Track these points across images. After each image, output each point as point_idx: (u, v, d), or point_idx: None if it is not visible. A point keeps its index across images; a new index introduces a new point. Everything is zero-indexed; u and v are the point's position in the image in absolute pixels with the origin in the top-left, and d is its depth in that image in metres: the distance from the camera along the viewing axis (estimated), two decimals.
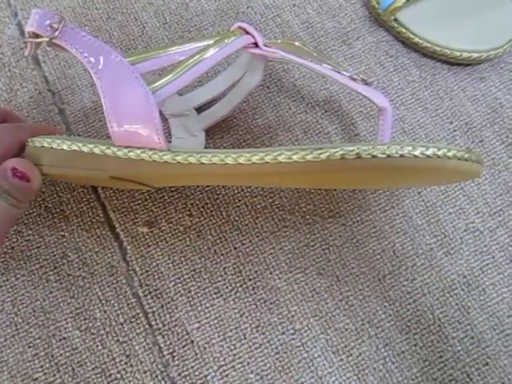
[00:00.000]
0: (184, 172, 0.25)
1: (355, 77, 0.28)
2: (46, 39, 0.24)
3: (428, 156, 0.20)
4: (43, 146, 0.26)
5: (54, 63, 0.35)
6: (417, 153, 0.20)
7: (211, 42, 0.26)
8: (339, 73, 0.28)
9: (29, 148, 0.26)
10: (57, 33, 0.24)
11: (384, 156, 0.20)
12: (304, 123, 0.33)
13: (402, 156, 0.20)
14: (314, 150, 0.21)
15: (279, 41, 0.29)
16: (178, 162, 0.24)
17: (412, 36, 0.34)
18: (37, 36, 0.25)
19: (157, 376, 0.28)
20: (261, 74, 0.30)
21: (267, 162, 0.22)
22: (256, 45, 0.28)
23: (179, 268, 0.30)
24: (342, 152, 0.21)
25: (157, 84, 0.25)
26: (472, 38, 0.33)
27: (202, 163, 0.24)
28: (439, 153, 0.21)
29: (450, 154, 0.21)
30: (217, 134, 0.33)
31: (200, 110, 0.32)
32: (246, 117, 0.33)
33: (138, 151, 0.25)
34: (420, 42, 0.34)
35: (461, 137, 0.33)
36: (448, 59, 0.34)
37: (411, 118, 0.34)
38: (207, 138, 0.32)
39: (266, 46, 0.28)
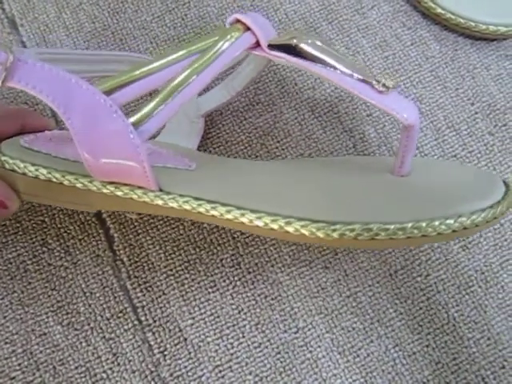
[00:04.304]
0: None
1: (377, 86, 0.22)
2: None
3: (454, 231, 0.20)
4: (14, 171, 0.23)
5: (33, 27, 0.32)
6: (441, 230, 0.20)
7: (202, 48, 0.22)
8: (362, 81, 0.22)
9: None
10: (4, 73, 0.20)
11: (404, 237, 0.20)
12: (311, 101, 0.30)
13: (424, 236, 0.20)
14: (327, 225, 0.20)
15: (292, 36, 0.23)
16: (172, 208, 0.22)
17: (434, 6, 0.31)
18: None
19: (146, 376, 0.27)
20: (264, 64, 0.27)
21: (272, 229, 0.21)
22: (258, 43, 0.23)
23: (171, 259, 0.28)
24: (356, 232, 0.20)
25: (141, 115, 0.21)
26: (500, 9, 0.31)
27: (200, 212, 0.22)
28: (467, 223, 0.20)
29: (478, 220, 0.20)
30: (215, 111, 0.30)
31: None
32: (247, 92, 0.31)
33: (126, 189, 0.22)
34: (442, 12, 0.31)
35: (482, 120, 0.31)
36: (472, 33, 0.31)
37: (429, 98, 0.31)
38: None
39: (271, 46, 0.23)
